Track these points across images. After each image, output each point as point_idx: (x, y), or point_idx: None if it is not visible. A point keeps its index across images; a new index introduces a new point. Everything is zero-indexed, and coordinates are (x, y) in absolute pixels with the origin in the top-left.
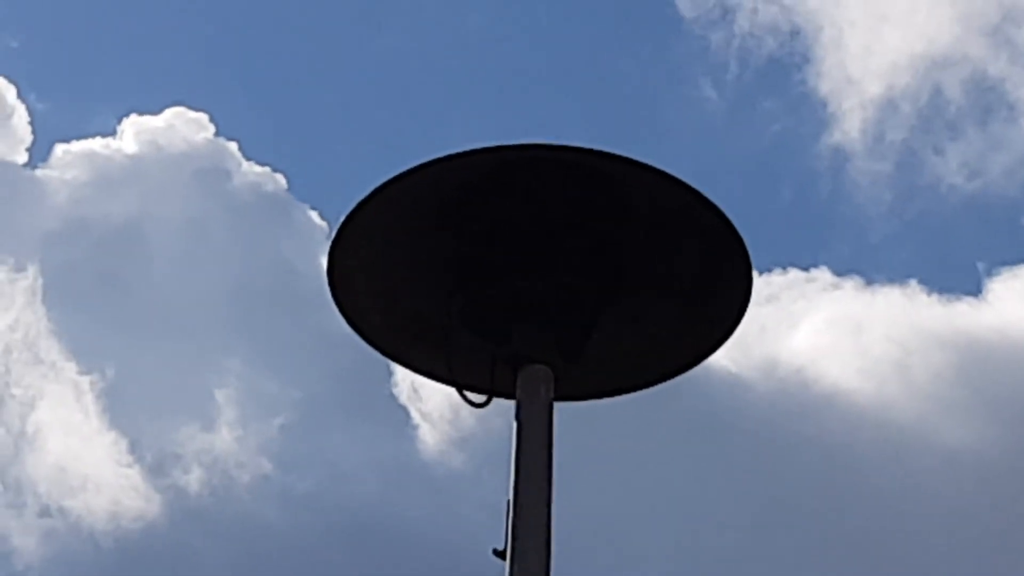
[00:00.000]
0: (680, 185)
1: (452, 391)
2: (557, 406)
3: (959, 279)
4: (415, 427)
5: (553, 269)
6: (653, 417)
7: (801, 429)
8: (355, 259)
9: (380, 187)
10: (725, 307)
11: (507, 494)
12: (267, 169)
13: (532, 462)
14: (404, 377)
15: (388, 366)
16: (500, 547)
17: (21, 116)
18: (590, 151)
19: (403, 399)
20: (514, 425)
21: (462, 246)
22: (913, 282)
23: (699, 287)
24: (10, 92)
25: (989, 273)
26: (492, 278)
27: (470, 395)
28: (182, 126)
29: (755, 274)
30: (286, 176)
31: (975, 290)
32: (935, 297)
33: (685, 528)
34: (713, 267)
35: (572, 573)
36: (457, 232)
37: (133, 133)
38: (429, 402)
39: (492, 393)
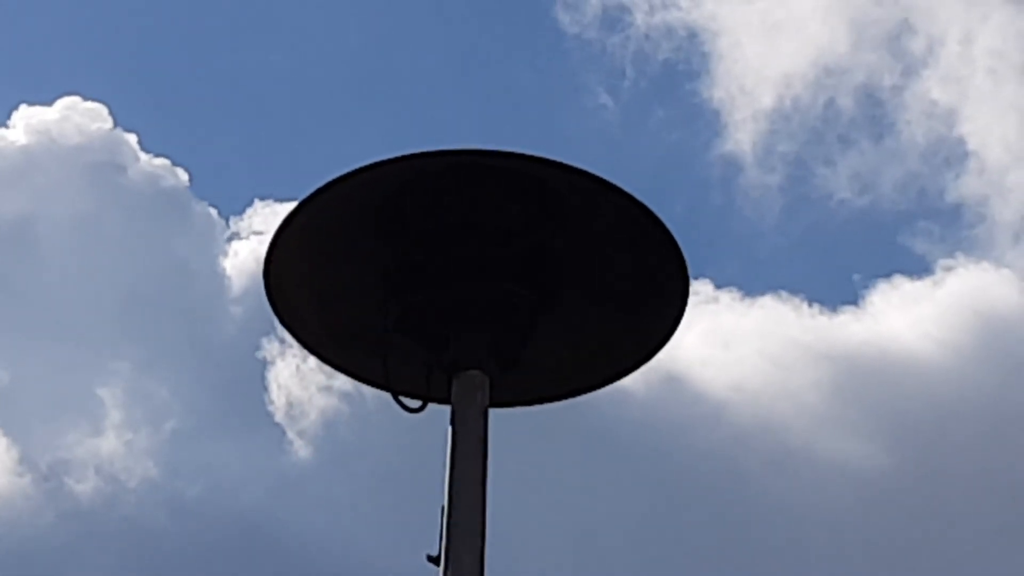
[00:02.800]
0: (617, 192)
1: (326, 405)
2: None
3: (841, 292)
4: (290, 442)
5: (490, 275)
6: (542, 429)
7: (686, 440)
8: (291, 264)
9: (316, 191)
10: (661, 314)
11: (402, 506)
12: (167, 163)
13: (466, 468)
14: (279, 393)
15: (264, 379)
16: (435, 553)
17: None
18: (527, 157)
19: (279, 416)
20: (449, 431)
21: (399, 252)
22: (796, 295)
23: (636, 294)
24: None
25: (869, 286)
26: (429, 284)
27: (405, 400)
28: (77, 117)
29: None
30: (187, 171)
31: (857, 304)
32: (816, 310)
33: (578, 536)
34: (650, 274)
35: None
36: (394, 238)
37: (24, 125)
38: (304, 419)
39: (427, 399)
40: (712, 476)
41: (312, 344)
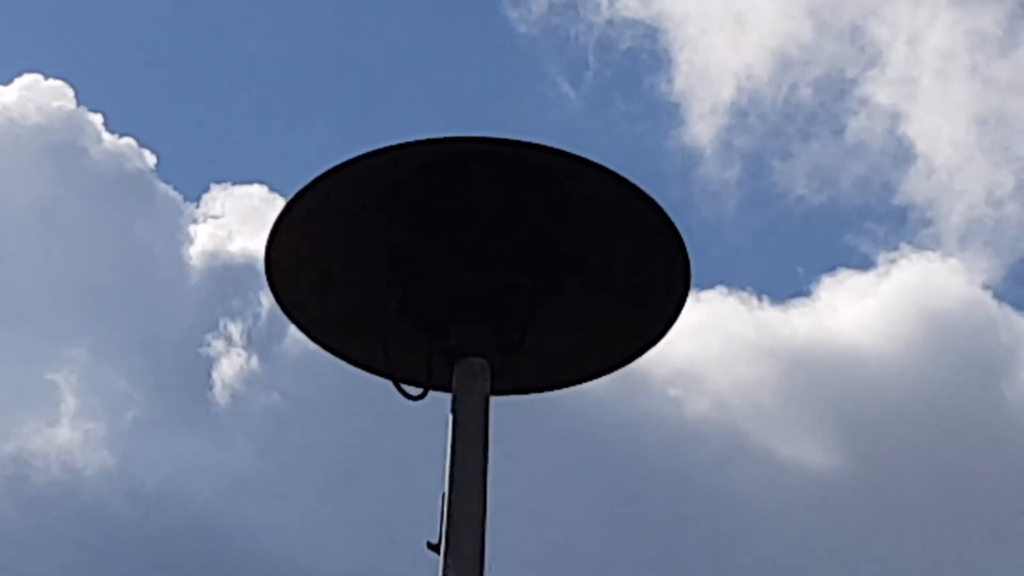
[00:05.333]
0: (618, 179)
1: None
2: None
3: (792, 287)
4: (244, 432)
5: (491, 263)
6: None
7: (638, 436)
8: (293, 250)
9: (318, 178)
10: (663, 302)
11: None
12: (131, 144)
13: (467, 455)
14: (230, 384)
15: (209, 375)
16: (435, 540)
17: None
18: (528, 144)
19: (233, 407)
20: (449, 418)
21: (400, 239)
22: (746, 289)
23: (637, 282)
24: None
25: (818, 281)
26: (430, 271)
27: (406, 388)
28: (38, 97)
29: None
30: (155, 152)
31: (807, 297)
32: (767, 304)
33: (536, 526)
34: (651, 261)
35: (505, 565)
36: (396, 225)
37: None
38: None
39: (428, 386)
40: (665, 470)
41: (312, 330)
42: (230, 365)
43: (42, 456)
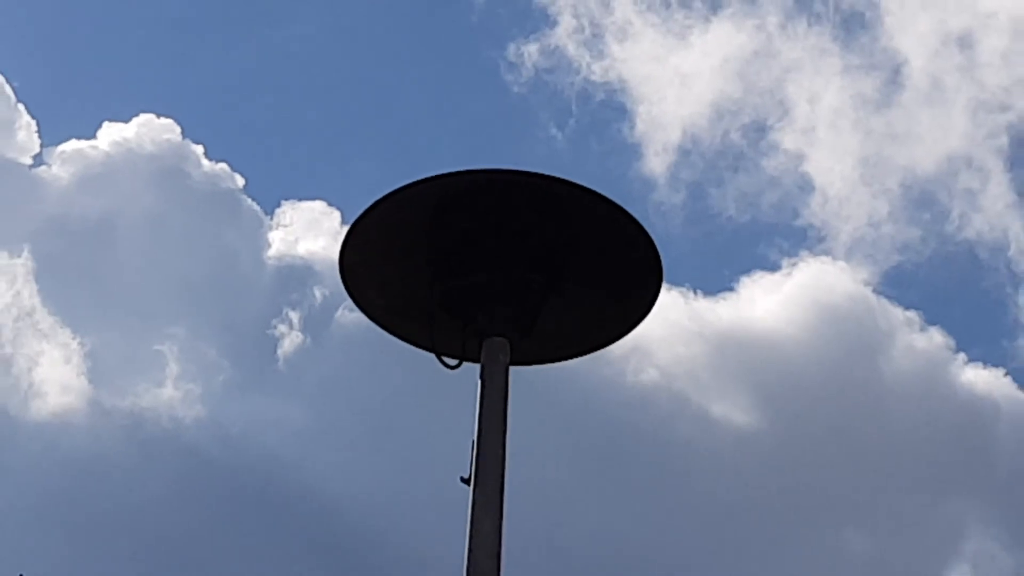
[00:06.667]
0: (607, 202)
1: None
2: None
3: (721, 285)
4: (308, 395)
5: (511, 264)
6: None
7: (603, 398)
8: (360, 255)
9: (379, 200)
10: (642, 296)
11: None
12: (225, 169)
13: (492, 412)
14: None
15: (276, 350)
16: (466, 476)
17: (21, 123)
18: (539, 175)
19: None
20: (479, 383)
21: (442, 245)
22: (683, 286)
23: (621, 280)
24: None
25: (742, 281)
26: (465, 270)
27: (446, 359)
28: (151, 132)
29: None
30: (242, 174)
31: (732, 291)
32: (701, 297)
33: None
34: (632, 265)
35: (520, 498)
36: (439, 235)
37: (107, 138)
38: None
39: (462, 359)
40: (623, 424)
41: (375, 316)
42: (291, 343)
43: (152, 410)
